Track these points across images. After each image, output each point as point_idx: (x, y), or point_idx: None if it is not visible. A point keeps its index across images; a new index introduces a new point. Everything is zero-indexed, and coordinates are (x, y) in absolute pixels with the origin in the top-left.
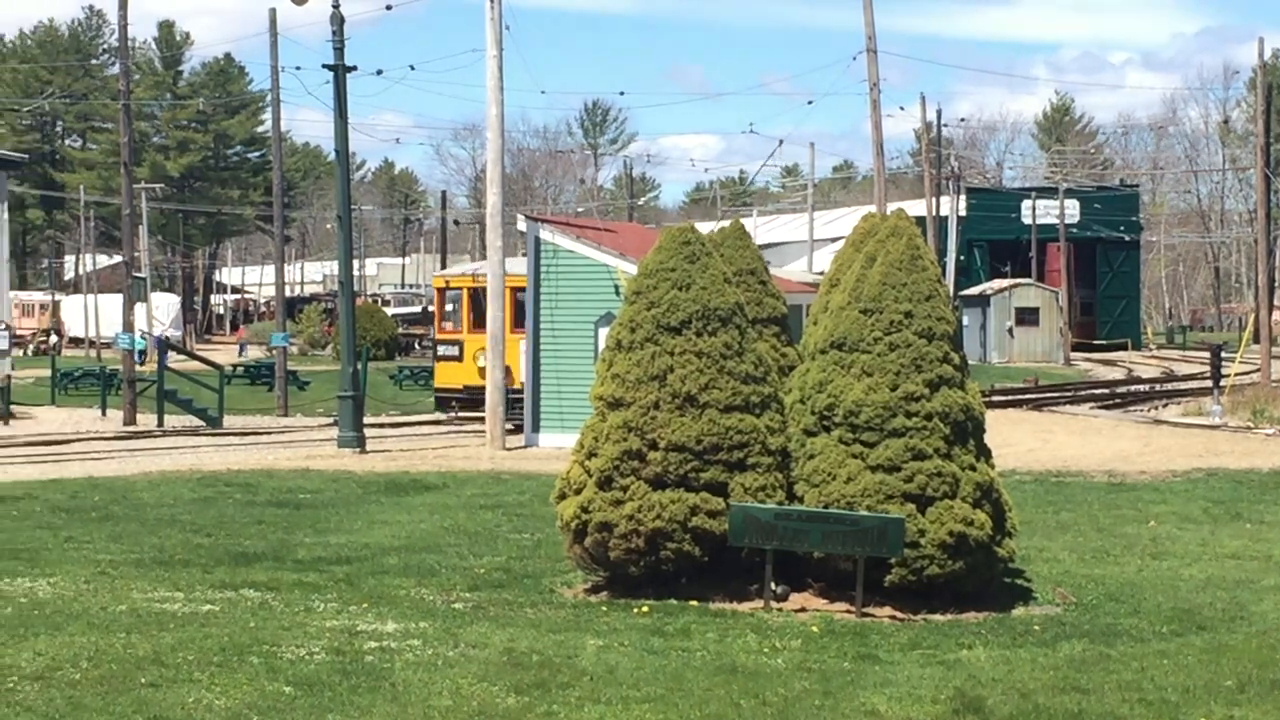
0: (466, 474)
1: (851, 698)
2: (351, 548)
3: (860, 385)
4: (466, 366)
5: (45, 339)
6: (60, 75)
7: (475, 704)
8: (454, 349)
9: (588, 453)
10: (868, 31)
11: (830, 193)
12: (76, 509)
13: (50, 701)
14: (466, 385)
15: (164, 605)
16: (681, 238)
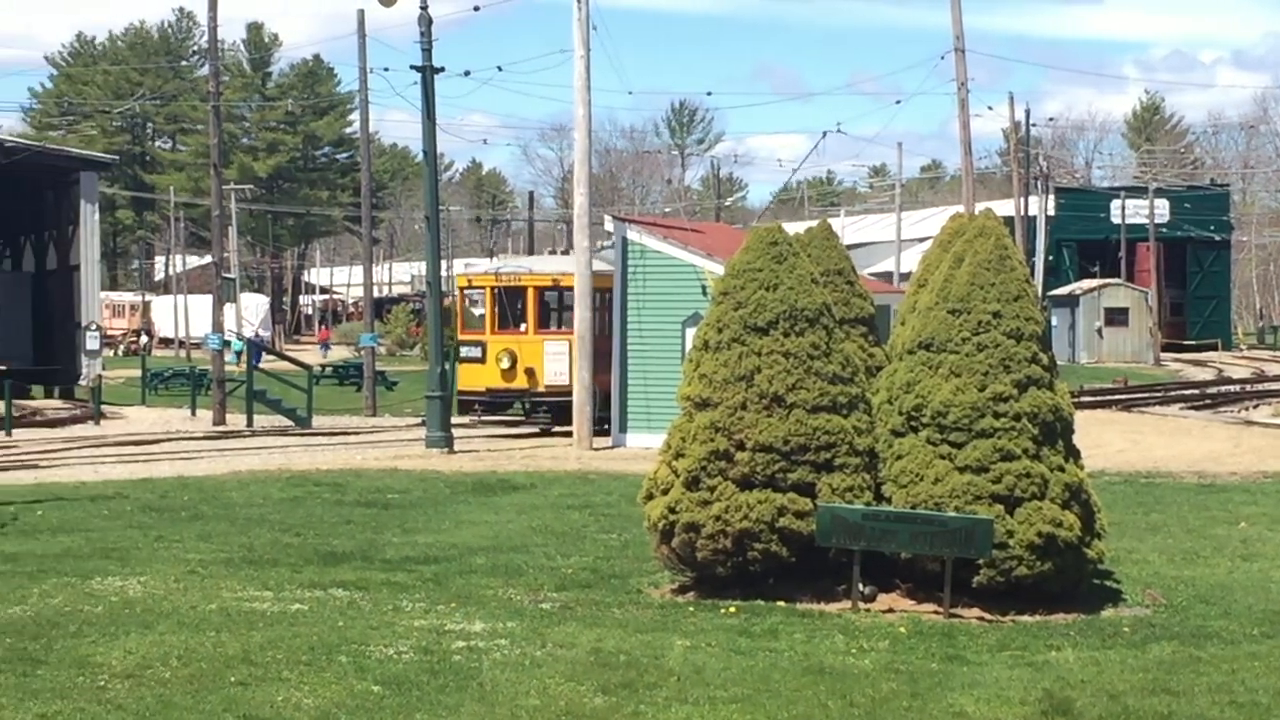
0: (554, 474)
1: (939, 699)
2: (439, 547)
3: (948, 386)
4: (489, 368)
5: (136, 339)
6: (150, 77)
7: (562, 704)
8: (476, 350)
9: (675, 453)
10: (955, 31)
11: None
12: (166, 508)
13: (140, 700)
14: (489, 388)
15: (253, 604)
16: (768, 238)
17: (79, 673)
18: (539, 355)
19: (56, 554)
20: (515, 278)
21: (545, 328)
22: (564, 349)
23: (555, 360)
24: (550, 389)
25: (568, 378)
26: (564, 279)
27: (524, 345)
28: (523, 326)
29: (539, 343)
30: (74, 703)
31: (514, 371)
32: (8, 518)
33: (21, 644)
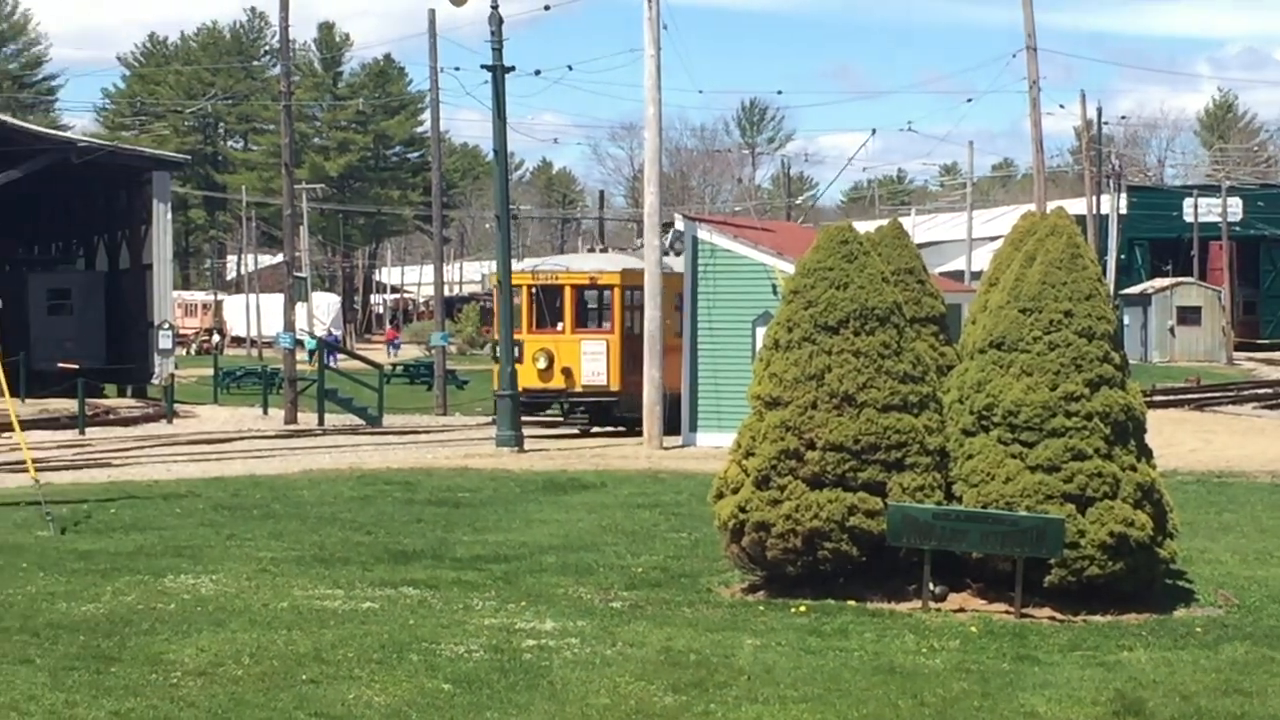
0: (624, 473)
1: (1010, 699)
2: (509, 546)
3: (1019, 385)
4: (525, 368)
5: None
6: (222, 77)
7: (633, 702)
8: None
9: (745, 452)
10: (1027, 29)
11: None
12: (238, 507)
13: (213, 697)
14: (526, 388)
15: (324, 602)
16: (839, 237)
17: (152, 670)
18: (576, 355)
19: (129, 552)
20: (552, 276)
21: (583, 327)
22: (602, 348)
23: (593, 360)
24: (588, 389)
25: (605, 378)
26: (601, 277)
27: (561, 345)
28: (560, 326)
29: (576, 342)
30: (147, 700)
31: (551, 371)
32: (82, 516)
33: (95, 641)
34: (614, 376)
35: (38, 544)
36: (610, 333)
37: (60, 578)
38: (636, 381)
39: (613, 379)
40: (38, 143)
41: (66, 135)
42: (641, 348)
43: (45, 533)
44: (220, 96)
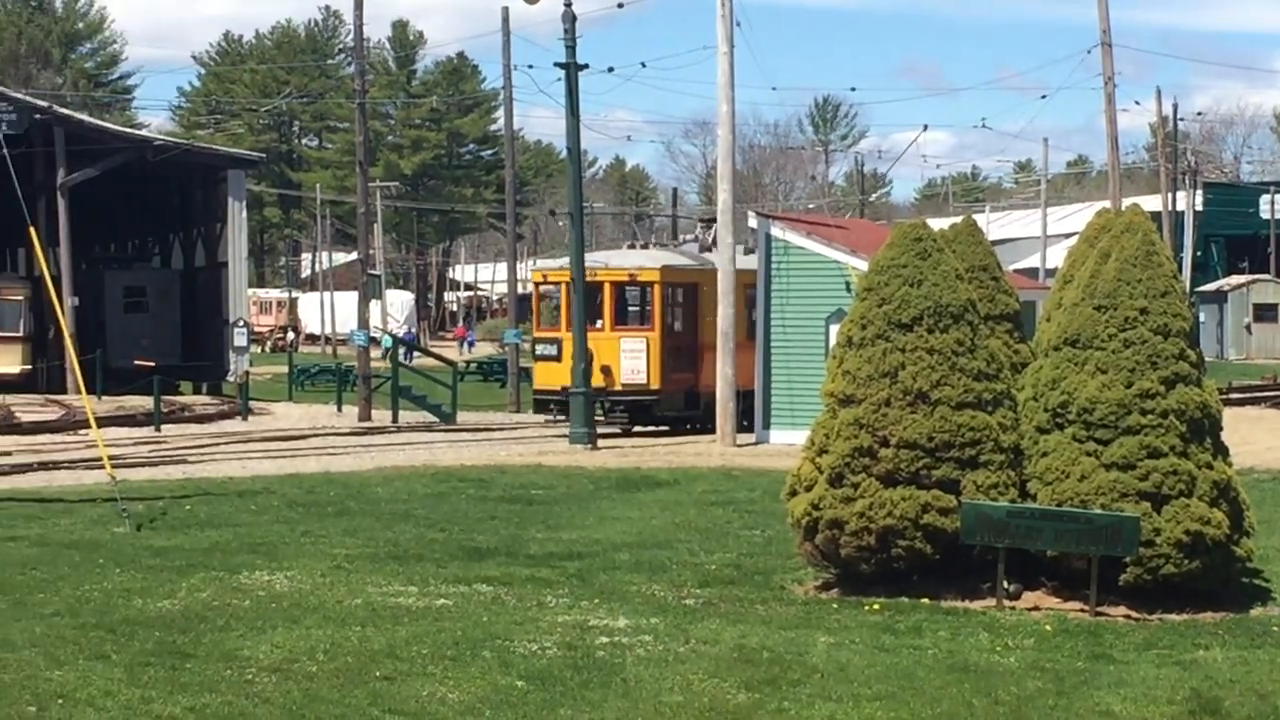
0: (697, 470)
1: (1086, 698)
2: (583, 543)
3: (1094, 382)
4: (564, 367)
5: (283, 336)
6: (297, 75)
7: (706, 700)
8: (552, 348)
9: (818, 449)
10: (1102, 25)
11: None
12: (313, 503)
13: (288, 693)
14: (565, 387)
15: (398, 599)
16: (913, 234)
17: (227, 666)
18: (615, 353)
19: (205, 548)
20: (591, 273)
21: (622, 324)
22: (641, 346)
23: (632, 358)
24: (627, 388)
25: (645, 376)
26: (641, 274)
27: (600, 342)
28: (599, 323)
29: (615, 340)
30: (222, 696)
31: (589, 370)
32: (157, 512)
33: (170, 637)
34: (654, 375)
35: (114, 540)
36: (650, 330)
37: (136, 574)
38: (677, 380)
39: (653, 377)
40: (114, 141)
41: (142, 134)
42: (681, 345)
43: (121, 529)
44: (295, 95)
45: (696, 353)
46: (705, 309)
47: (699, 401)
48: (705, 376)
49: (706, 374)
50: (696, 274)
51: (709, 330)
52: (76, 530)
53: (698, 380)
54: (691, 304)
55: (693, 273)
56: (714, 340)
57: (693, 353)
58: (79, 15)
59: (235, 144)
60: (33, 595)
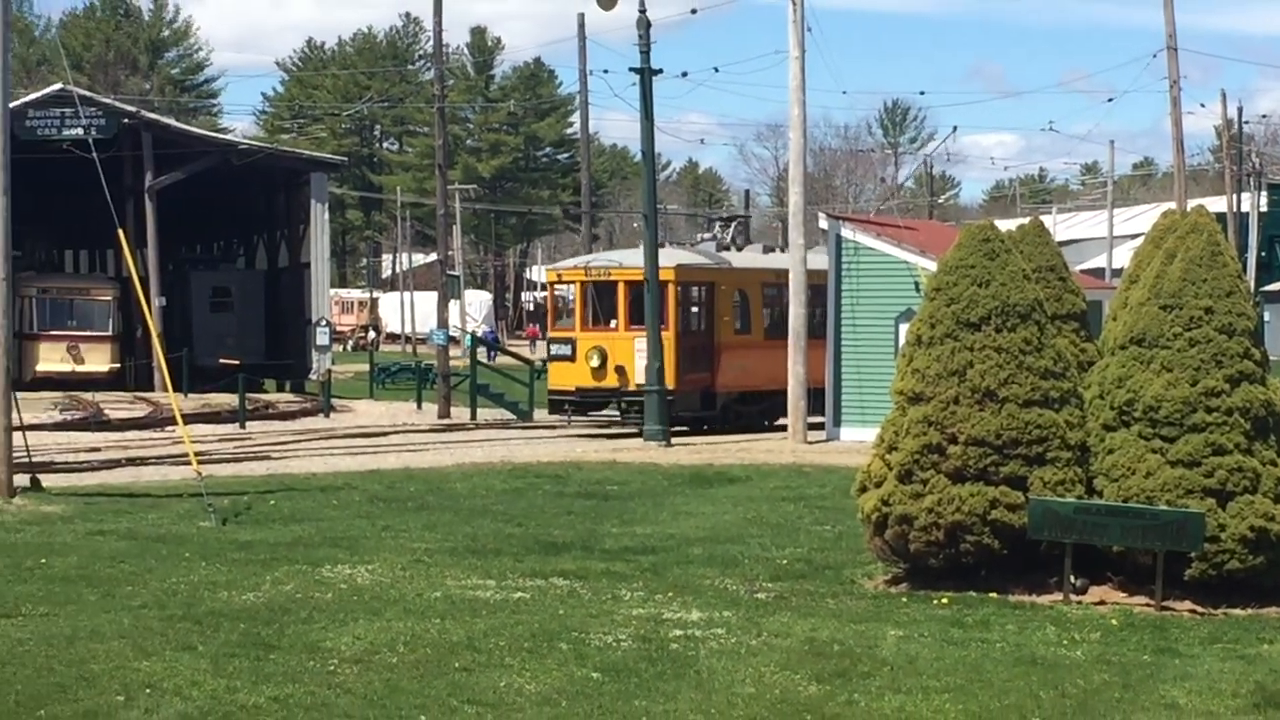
0: (769, 467)
1: (1151, 690)
2: (657, 538)
3: (1160, 380)
4: (579, 366)
5: (364, 335)
6: (378, 81)
7: (778, 692)
8: (566, 348)
9: (888, 446)
10: (1168, 29)
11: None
12: (393, 499)
13: (369, 684)
14: (579, 386)
15: (477, 592)
16: (981, 235)
17: (309, 657)
18: (630, 353)
19: (288, 542)
20: (605, 272)
21: (637, 324)
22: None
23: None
24: (642, 388)
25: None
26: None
27: (615, 342)
28: (613, 323)
29: (630, 340)
30: (305, 686)
31: (604, 370)
32: (242, 507)
33: (255, 629)
34: (670, 375)
35: (200, 534)
36: (665, 330)
37: (221, 567)
38: (692, 380)
39: (668, 377)
40: (200, 145)
41: (227, 138)
42: (697, 345)
43: (207, 523)
44: (376, 100)
45: (712, 352)
46: (721, 308)
47: (715, 401)
48: (722, 376)
49: (723, 373)
50: (713, 273)
51: (725, 330)
52: (164, 524)
53: (714, 380)
54: (708, 304)
55: (709, 272)
56: (730, 339)
57: (708, 352)
58: (165, 22)
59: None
60: (121, 587)
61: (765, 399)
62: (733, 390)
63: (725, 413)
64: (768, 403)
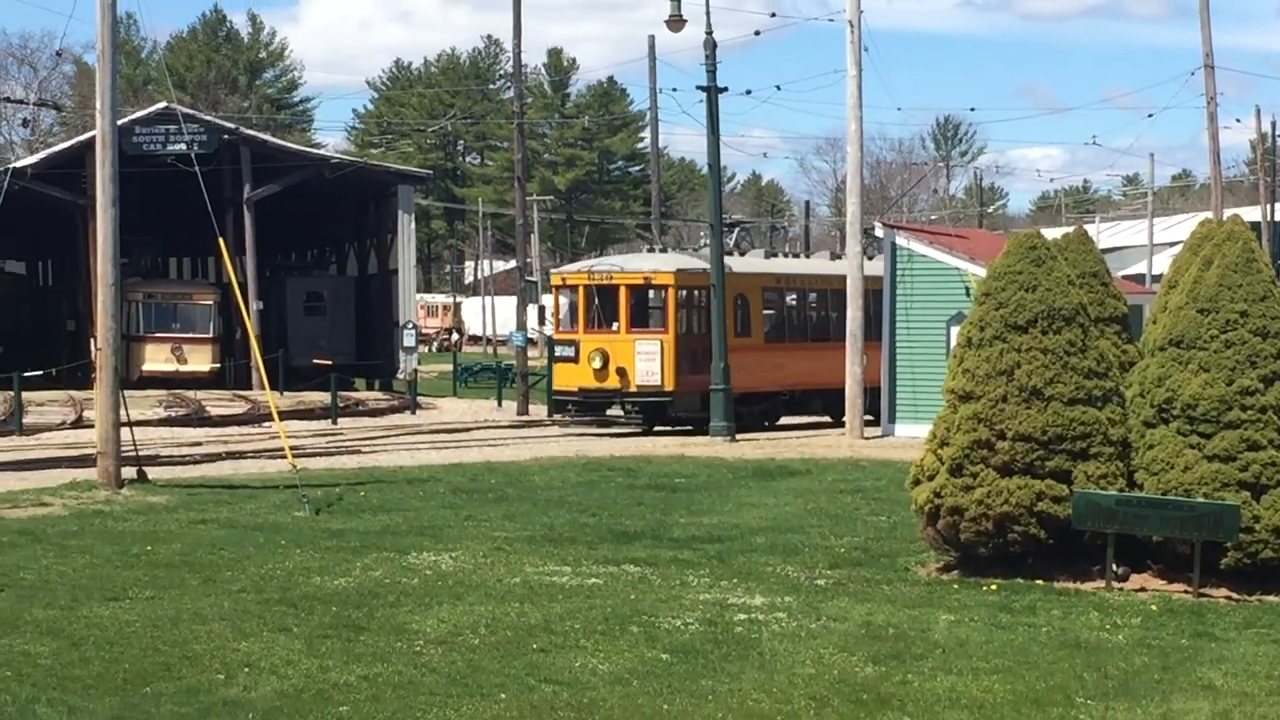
0: (828, 461)
1: (1189, 673)
2: (722, 528)
3: (1197, 380)
4: (581, 368)
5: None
6: (461, 99)
7: (836, 673)
8: (570, 349)
9: (940, 442)
10: (1205, 49)
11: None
12: (475, 490)
13: (452, 664)
14: (582, 388)
15: (553, 578)
16: (1028, 243)
17: (397, 638)
18: (630, 355)
19: (377, 531)
20: (607, 276)
21: (637, 327)
22: (656, 348)
23: (647, 360)
24: (642, 389)
25: (660, 378)
26: (656, 277)
27: (616, 344)
28: (615, 326)
29: (630, 342)
30: (393, 666)
31: (606, 371)
32: (334, 498)
33: (346, 612)
34: (669, 377)
35: (295, 524)
36: (665, 333)
37: (315, 554)
38: (692, 382)
39: (667, 379)
40: (294, 160)
41: (320, 152)
42: (697, 347)
43: (301, 513)
44: (459, 117)
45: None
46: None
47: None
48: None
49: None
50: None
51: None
52: (261, 514)
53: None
54: (707, 308)
55: (708, 276)
56: (731, 342)
57: (708, 355)
58: (263, 45)
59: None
60: (221, 573)
61: (765, 400)
62: (733, 391)
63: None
64: (768, 403)
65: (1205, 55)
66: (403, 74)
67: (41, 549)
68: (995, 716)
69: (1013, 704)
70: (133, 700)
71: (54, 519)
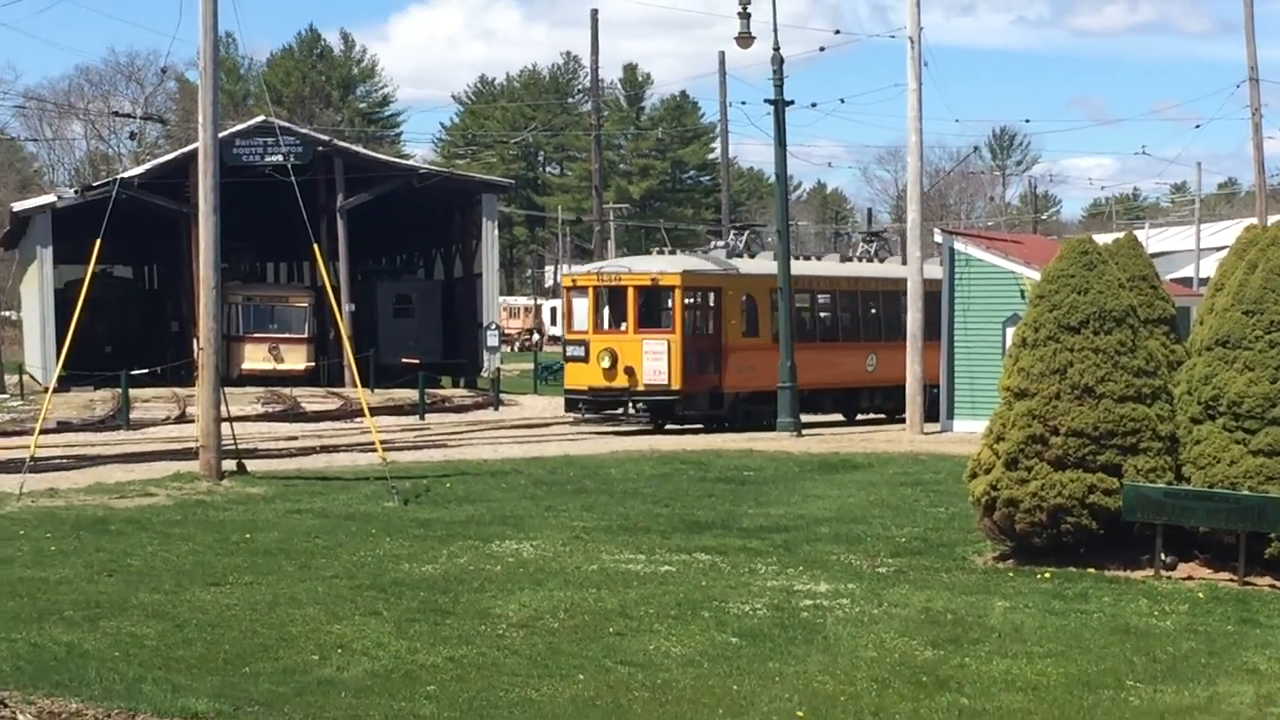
0: (889, 455)
1: (1234, 657)
2: (789, 518)
3: (1242, 378)
4: (591, 367)
5: (529, 337)
6: (542, 112)
7: (896, 656)
8: (580, 349)
9: (996, 437)
10: (1250, 62)
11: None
12: (554, 482)
13: (533, 646)
14: (591, 386)
15: (628, 566)
16: (1080, 248)
17: (481, 622)
18: (638, 354)
19: (462, 521)
20: (616, 277)
21: (644, 327)
22: (663, 348)
23: (654, 359)
24: (649, 388)
25: (666, 377)
26: (663, 278)
27: (624, 344)
28: (623, 326)
29: (638, 342)
30: (477, 648)
31: (615, 370)
32: (421, 489)
33: (433, 597)
34: (675, 376)
35: (384, 514)
36: (671, 333)
37: (404, 542)
38: (699, 380)
39: (674, 378)
40: (385, 170)
41: (409, 163)
42: (704, 347)
43: (391, 504)
44: (539, 129)
45: (720, 354)
46: (729, 313)
47: (723, 401)
48: (730, 377)
49: (731, 374)
50: (719, 279)
51: (733, 333)
52: (353, 504)
53: (722, 380)
54: (715, 309)
55: (715, 278)
56: (738, 342)
57: (716, 354)
58: (354, 62)
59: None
60: (316, 560)
61: (774, 398)
62: (741, 390)
63: (734, 412)
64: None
65: (1250, 69)
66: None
67: (147, 537)
68: (1049, 698)
69: (1065, 686)
70: (233, 679)
71: (159, 509)
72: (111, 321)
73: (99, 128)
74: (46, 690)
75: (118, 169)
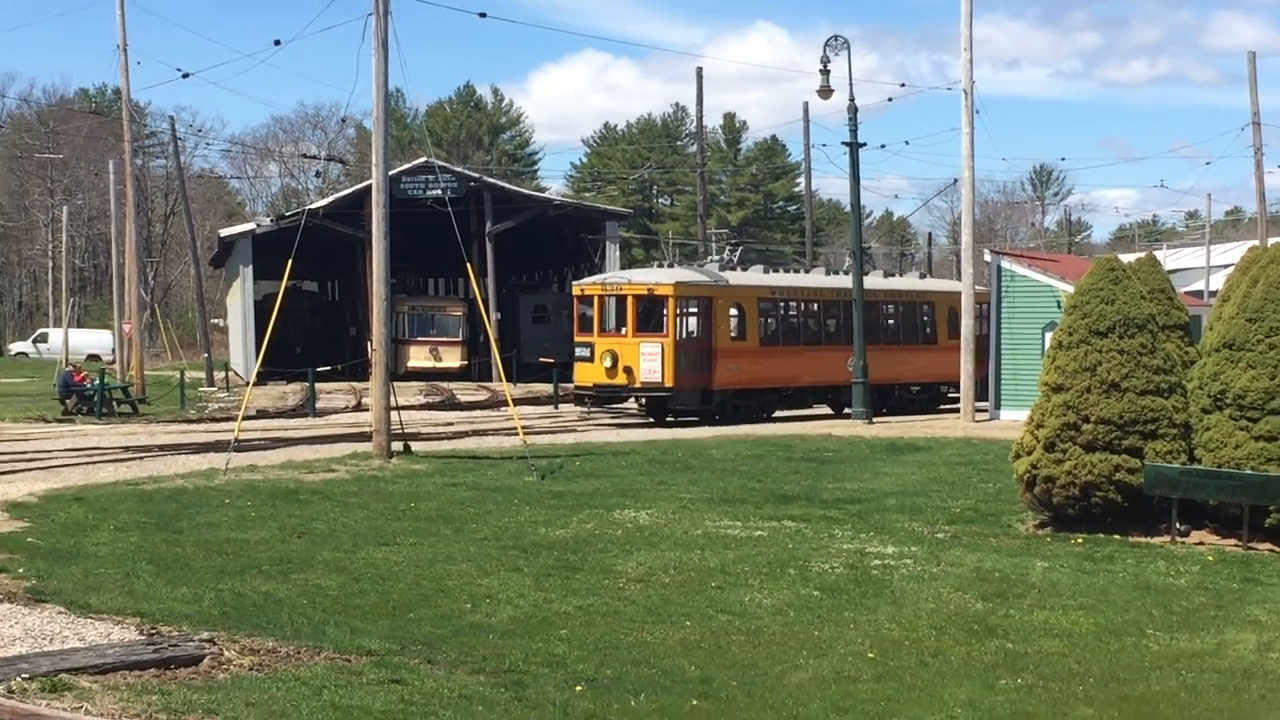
0: (946, 439)
1: (1238, 610)
2: (861, 492)
3: (1246, 375)
4: (595, 367)
5: None
6: (655, 153)
7: (952, 607)
8: (586, 350)
9: (1036, 424)
10: (1253, 109)
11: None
12: (666, 461)
13: (648, 597)
14: (595, 383)
15: (727, 531)
16: (1108, 265)
17: (604, 577)
18: (636, 355)
19: (589, 493)
20: (618, 287)
21: (643, 331)
22: (657, 350)
23: (649, 360)
24: (645, 385)
25: (660, 376)
26: (658, 289)
27: (624, 346)
28: (623, 330)
29: (636, 344)
30: (602, 598)
31: (615, 370)
32: (555, 467)
33: (565, 557)
34: (668, 375)
35: (525, 487)
36: (665, 336)
37: (540, 511)
38: (690, 379)
39: (667, 377)
40: (525, 202)
41: (545, 196)
42: (695, 350)
43: (530, 479)
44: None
45: (710, 356)
46: (719, 319)
47: (712, 398)
48: (719, 376)
49: (720, 374)
50: (710, 289)
51: (722, 338)
52: (499, 479)
53: (712, 379)
54: (705, 315)
55: (706, 288)
56: (727, 346)
57: (706, 356)
58: (502, 111)
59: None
60: (468, 525)
61: (761, 395)
62: (729, 388)
63: (722, 407)
64: (763, 398)
65: (1253, 114)
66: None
67: (330, 505)
68: (1080, 644)
69: (1095, 634)
70: (399, 624)
71: (339, 482)
72: (300, 327)
73: (291, 167)
74: (247, 631)
75: (306, 201)
